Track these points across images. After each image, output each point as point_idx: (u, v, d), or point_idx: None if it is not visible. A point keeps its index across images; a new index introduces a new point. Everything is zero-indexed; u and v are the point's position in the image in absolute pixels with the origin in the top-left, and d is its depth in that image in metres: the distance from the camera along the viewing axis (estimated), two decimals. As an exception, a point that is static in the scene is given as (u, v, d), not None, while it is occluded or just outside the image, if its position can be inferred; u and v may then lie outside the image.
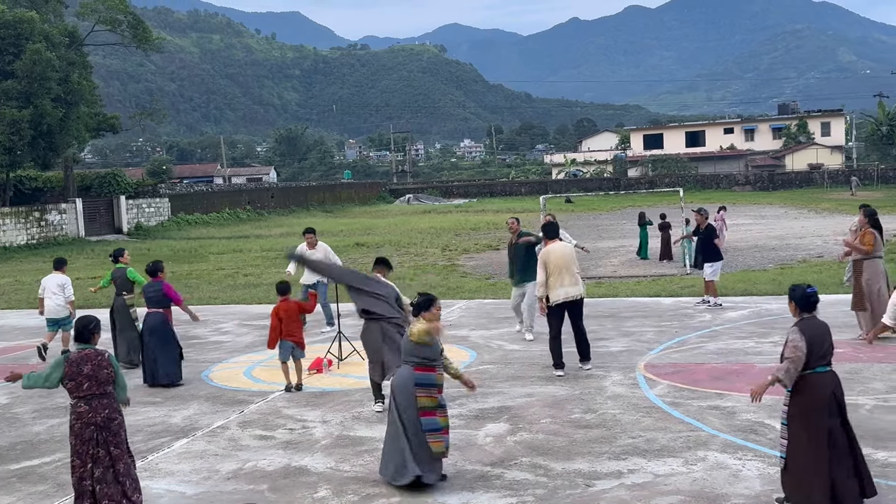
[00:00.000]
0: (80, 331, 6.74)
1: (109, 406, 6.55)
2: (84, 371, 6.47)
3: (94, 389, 6.48)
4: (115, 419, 6.56)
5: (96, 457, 6.46)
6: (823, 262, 21.70)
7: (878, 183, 66.46)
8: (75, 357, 6.55)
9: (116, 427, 6.57)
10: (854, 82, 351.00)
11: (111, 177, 48.70)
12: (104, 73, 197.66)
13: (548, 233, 11.44)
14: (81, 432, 6.45)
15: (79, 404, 6.48)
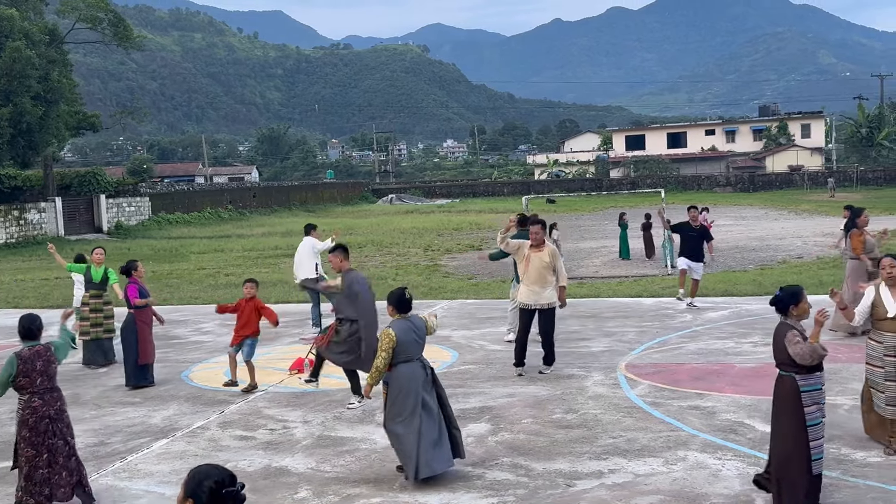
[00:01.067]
0: (28, 328, 6.94)
1: (60, 398, 6.92)
2: (37, 367, 6.73)
3: (45, 384, 6.78)
4: (65, 411, 6.94)
5: (54, 447, 6.74)
6: (803, 263, 21.84)
7: (857, 184, 66.99)
8: (27, 354, 6.75)
9: (67, 418, 6.96)
10: (834, 84, 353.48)
11: (91, 175, 48.35)
12: (85, 72, 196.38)
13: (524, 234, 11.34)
14: (36, 425, 6.70)
15: (32, 399, 6.72)
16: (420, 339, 7.40)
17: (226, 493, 3.43)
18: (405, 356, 7.25)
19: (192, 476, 3.50)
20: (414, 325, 7.39)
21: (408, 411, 7.16)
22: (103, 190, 47.35)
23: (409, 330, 7.31)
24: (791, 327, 6.28)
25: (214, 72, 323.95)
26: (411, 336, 7.31)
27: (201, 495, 3.43)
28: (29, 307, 20.00)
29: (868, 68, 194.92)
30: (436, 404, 7.32)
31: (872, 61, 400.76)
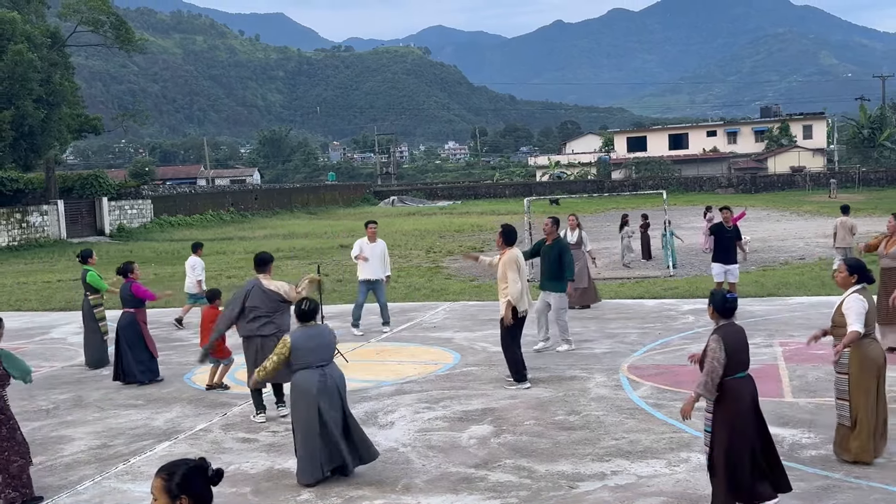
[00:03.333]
0: None
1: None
2: None
3: None
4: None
5: None
6: (805, 265, 21.83)
7: (859, 185, 66.92)
8: None
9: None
10: (836, 85, 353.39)
11: (93, 178, 48.38)
12: (86, 74, 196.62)
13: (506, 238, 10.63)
14: None
15: None
16: (321, 346, 7.48)
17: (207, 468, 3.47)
18: (303, 363, 7.40)
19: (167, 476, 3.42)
20: (318, 333, 7.53)
21: (303, 418, 7.32)
22: (105, 192, 47.38)
23: (309, 337, 7.46)
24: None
25: (216, 74, 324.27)
26: (311, 343, 7.43)
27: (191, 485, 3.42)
28: (31, 310, 20.04)
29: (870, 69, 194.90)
30: (338, 413, 7.40)
31: (874, 62, 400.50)
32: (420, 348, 13.31)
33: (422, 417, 9.32)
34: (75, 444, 8.94)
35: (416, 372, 11.61)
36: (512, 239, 10.58)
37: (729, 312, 6.36)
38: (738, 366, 6.22)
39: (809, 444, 7.79)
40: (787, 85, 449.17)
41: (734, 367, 6.20)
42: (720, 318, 6.36)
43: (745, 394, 6.24)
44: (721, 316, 6.36)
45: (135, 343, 11.64)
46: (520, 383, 10.41)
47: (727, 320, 6.36)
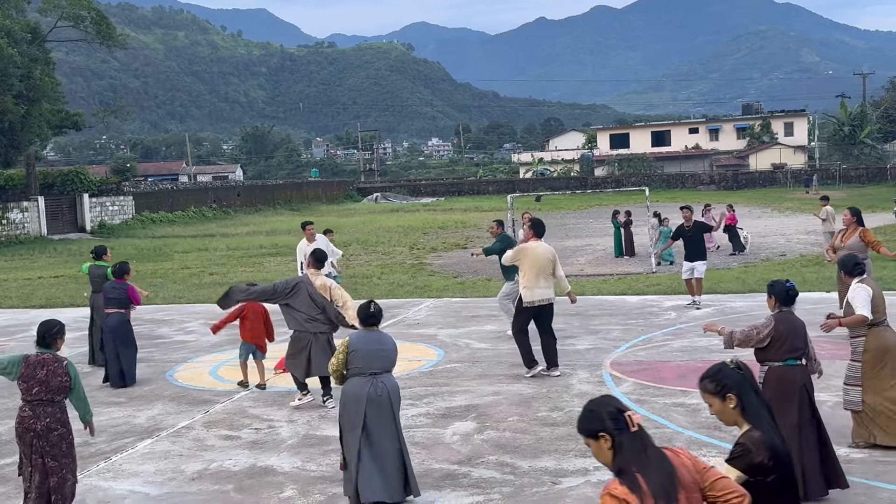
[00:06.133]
0: (43, 335, 6.57)
1: (54, 416, 6.39)
2: (38, 375, 6.34)
3: (42, 395, 6.35)
4: (55, 430, 6.36)
5: (35, 464, 6.34)
6: (787, 261, 21.98)
7: (839, 182, 67.38)
8: (34, 360, 6.43)
9: (56, 438, 6.37)
10: (817, 83, 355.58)
11: (74, 174, 48.06)
12: (67, 70, 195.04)
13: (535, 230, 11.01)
14: (23, 436, 6.36)
15: (24, 408, 6.38)
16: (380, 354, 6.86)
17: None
18: (357, 369, 6.79)
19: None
20: (378, 339, 6.95)
21: (349, 426, 6.72)
22: (86, 189, 47.07)
23: (369, 341, 6.89)
24: None
25: (198, 70, 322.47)
26: (370, 347, 6.84)
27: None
28: (11, 307, 19.88)
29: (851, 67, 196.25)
30: (390, 427, 6.73)
31: (855, 60, 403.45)
32: (404, 345, 13.30)
33: (405, 414, 9.31)
34: (56, 442, 8.88)
35: (399, 369, 11.57)
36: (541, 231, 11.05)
37: (790, 301, 6.54)
38: (788, 352, 6.39)
39: (790, 440, 7.83)
40: (769, 82, 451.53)
41: (784, 353, 6.38)
42: (780, 307, 6.53)
43: (793, 380, 6.37)
44: (782, 304, 6.53)
45: (129, 343, 11.55)
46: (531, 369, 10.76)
47: (787, 308, 6.53)
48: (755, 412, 3.79)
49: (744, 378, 3.86)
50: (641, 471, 3.26)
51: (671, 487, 3.27)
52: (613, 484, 3.28)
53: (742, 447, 3.75)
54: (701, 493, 3.38)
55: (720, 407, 3.85)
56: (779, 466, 3.72)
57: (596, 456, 3.43)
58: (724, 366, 3.90)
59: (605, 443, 3.36)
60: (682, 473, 3.34)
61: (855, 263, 7.62)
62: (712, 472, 3.43)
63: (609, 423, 3.35)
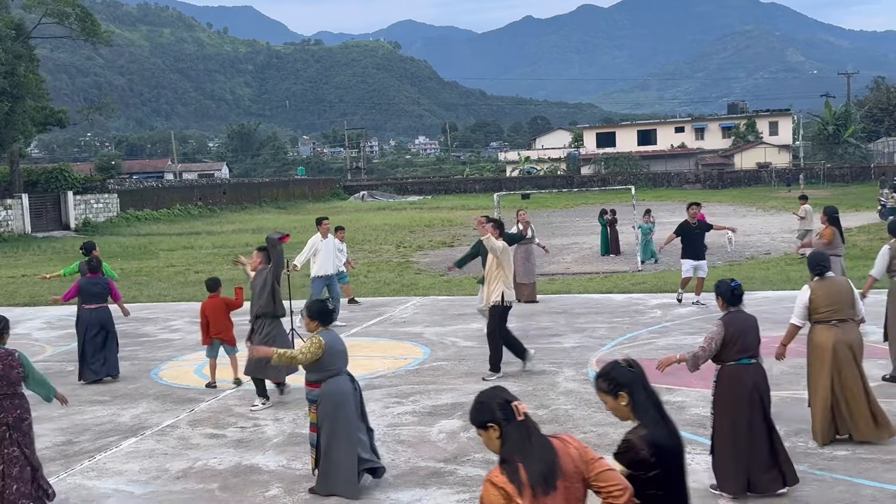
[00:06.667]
0: None
1: (21, 406, 6.57)
2: None
3: (4, 389, 6.48)
4: (25, 419, 6.57)
5: (10, 457, 6.43)
6: (771, 260, 22.08)
7: (824, 181, 67.75)
8: None
9: (27, 427, 6.59)
10: (801, 82, 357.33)
11: (58, 172, 47.78)
12: (52, 67, 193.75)
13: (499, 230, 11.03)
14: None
15: None
16: (345, 352, 7.03)
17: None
18: (335, 369, 6.86)
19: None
20: (339, 338, 7.08)
21: (342, 425, 6.79)
22: (71, 186, 46.80)
23: (337, 341, 6.97)
24: None
25: (183, 67, 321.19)
26: (340, 347, 6.94)
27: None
28: (-5, 305, 19.71)
29: (835, 66, 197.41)
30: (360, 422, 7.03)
31: (839, 59, 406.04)
32: (390, 343, 13.30)
33: (391, 412, 9.32)
34: (40, 441, 8.79)
35: (385, 367, 11.60)
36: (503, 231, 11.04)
37: (737, 300, 6.58)
38: (740, 352, 6.43)
39: (774, 437, 7.86)
40: (754, 82, 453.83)
41: (736, 353, 6.42)
42: (729, 307, 6.57)
43: (747, 380, 6.42)
44: (729, 304, 6.56)
45: (114, 337, 11.63)
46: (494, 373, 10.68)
47: (735, 308, 6.56)
48: (643, 409, 3.92)
49: (635, 376, 3.97)
50: (523, 460, 3.41)
51: (550, 476, 3.41)
52: (495, 472, 3.45)
53: (627, 443, 3.90)
54: (584, 483, 3.53)
55: (613, 404, 3.99)
56: (662, 462, 3.85)
57: (486, 445, 3.58)
58: (616, 364, 4.01)
59: (493, 432, 3.52)
60: (564, 462, 3.48)
61: (816, 263, 7.65)
62: (599, 464, 3.57)
63: (498, 414, 3.51)
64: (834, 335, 7.42)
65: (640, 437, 3.87)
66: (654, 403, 3.97)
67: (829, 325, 7.47)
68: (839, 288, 7.54)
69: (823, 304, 7.46)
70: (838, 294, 7.49)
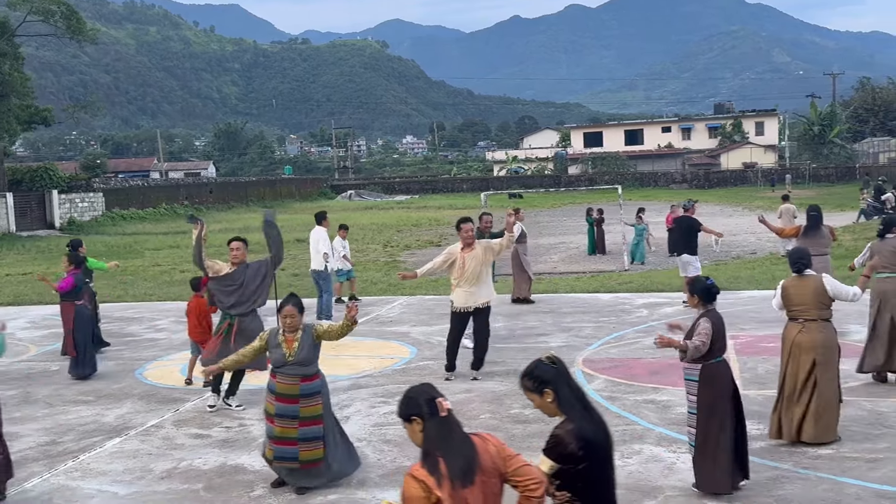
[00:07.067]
0: None
1: None
2: None
3: None
4: None
5: None
6: (756, 259, 22.18)
7: (809, 181, 68.08)
8: None
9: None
10: (787, 83, 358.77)
11: (43, 171, 47.45)
12: (37, 65, 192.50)
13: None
14: None
15: None
16: None
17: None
18: None
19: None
20: None
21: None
22: (56, 185, 46.50)
23: None
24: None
25: (170, 66, 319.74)
26: None
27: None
28: (-22, 304, 19.59)
29: (821, 67, 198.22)
30: None
31: (825, 60, 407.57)
32: (377, 342, 13.28)
33: (377, 412, 9.30)
34: (23, 441, 8.77)
35: (372, 366, 11.58)
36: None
37: (713, 298, 6.60)
38: (718, 350, 6.50)
39: (759, 436, 7.90)
40: (741, 82, 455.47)
41: (717, 351, 6.48)
42: (706, 305, 6.57)
43: (725, 377, 6.53)
44: (706, 302, 6.57)
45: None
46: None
47: (711, 306, 6.58)
48: (569, 404, 4.02)
49: (558, 372, 4.10)
50: (444, 454, 3.59)
51: (469, 470, 3.59)
52: (416, 466, 3.61)
53: (555, 438, 3.98)
54: (502, 478, 3.72)
55: (539, 402, 4.08)
56: (589, 455, 3.96)
57: (410, 438, 3.76)
58: (539, 362, 4.14)
59: (417, 426, 3.70)
60: (483, 458, 3.67)
61: (795, 259, 7.78)
62: (516, 460, 3.76)
63: (424, 409, 3.70)
64: (796, 333, 7.58)
65: (567, 432, 3.96)
66: (579, 398, 4.08)
67: (796, 323, 7.64)
68: (810, 289, 7.59)
69: (793, 302, 7.62)
70: (807, 295, 7.57)
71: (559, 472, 3.93)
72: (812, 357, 7.48)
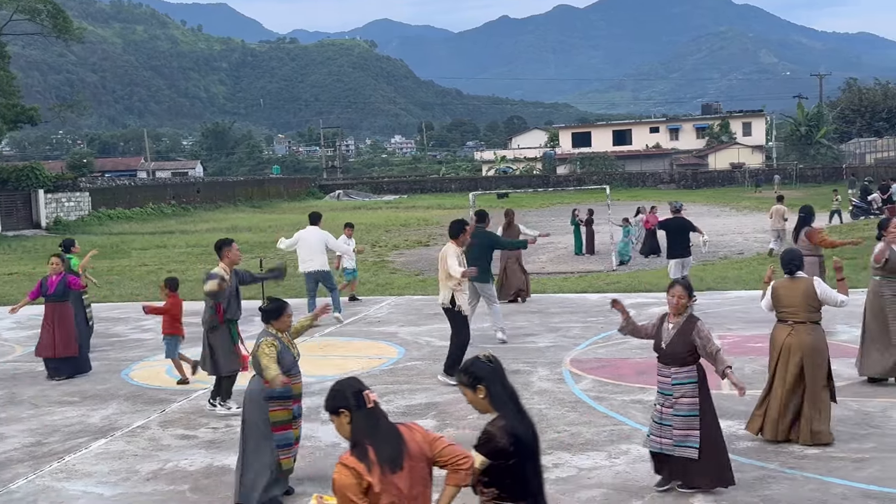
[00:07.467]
0: None
1: None
2: None
3: None
4: None
5: None
6: (744, 259, 22.25)
7: (796, 182, 68.38)
8: None
9: None
10: (775, 83, 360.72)
11: (29, 170, 47.17)
12: (23, 64, 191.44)
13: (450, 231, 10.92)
14: None
15: None
16: None
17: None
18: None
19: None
20: None
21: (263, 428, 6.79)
22: (42, 185, 46.25)
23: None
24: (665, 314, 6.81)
25: (157, 65, 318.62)
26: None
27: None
28: (-37, 305, 19.44)
29: (808, 68, 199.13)
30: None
31: (812, 61, 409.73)
32: (364, 343, 13.26)
33: (365, 412, 9.26)
34: (8, 442, 8.71)
35: (360, 366, 11.56)
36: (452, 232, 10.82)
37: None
38: None
39: (745, 436, 7.92)
40: (728, 83, 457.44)
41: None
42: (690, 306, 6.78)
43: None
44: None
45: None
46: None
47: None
48: (501, 401, 4.13)
49: (494, 370, 4.20)
50: (372, 442, 3.74)
51: (397, 456, 3.75)
52: (346, 455, 3.75)
53: (487, 434, 4.07)
54: (429, 463, 3.91)
55: (472, 397, 4.20)
56: (519, 451, 4.04)
57: (338, 431, 3.89)
58: (476, 359, 4.24)
59: (344, 418, 3.82)
60: (410, 445, 3.84)
61: (787, 261, 7.77)
62: (441, 442, 3.96)
63: (351, 401, 3.82)
64: (786, 335, 7.59)
65: (499, 428, 4.05)
66: (511, 397, 4.19)
67: (785, 325, 7.65)
68: (800, 291, 7.60)
69: (783, 303, 7.64)
70: (797, 297, 7.57)
71: (488, 469, 4.03)
72: (800, 359, 7.49)
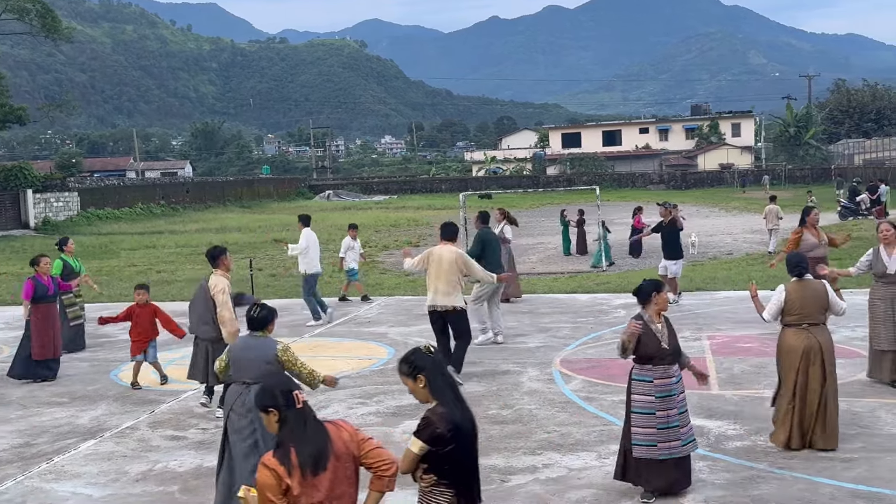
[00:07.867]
0: None
1: None
2: None
3: None
4: None
5: None
6: (733, 260, 22.32)
7: (785, 182, 68.64)
8: None
9: None
10: (763, 84, 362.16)
11: (17, 170, 46.95)
12: (11, 63, 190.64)
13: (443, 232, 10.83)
14: None
15: None
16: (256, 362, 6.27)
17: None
18: (235, 376, 6.37)
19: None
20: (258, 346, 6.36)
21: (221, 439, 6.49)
22: (30, 185, 46.04)
23: (248, 349, 6.35)
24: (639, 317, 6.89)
25: (146, 65, 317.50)
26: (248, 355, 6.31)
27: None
28: (-49, 305, 19.34)
29: (796, 69, 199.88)
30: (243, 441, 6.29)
31: (801, 62, 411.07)
32: (354, 343, 13.24)
33: (355, 413, 9.27)
34: (-4, 444, 8.67)
35: (349, 367, 11.55)
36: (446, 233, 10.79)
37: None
38: None
39: (735, 436, 7.95)
40: (717, 83, 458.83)
41: None
42: None
43: None
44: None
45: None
46: None
47: None
48: (440, 391, 4.27)
49: (434, 361, 4.33)
50: (296, 444, 3.81)
51: (321, 458, 3.83)
52: (268, 455, 3.84)
53: (426, 421, 4.20)
54: (355, 462, 4.01)
55: (413, 386, 4.33)
56: (457, 438, 4.18)
57: (267, 428, 3.98)
58: (417, 350, 4.38)
59: (273, 417, 3.89)
60: (337, 444, 3.93)
61: (795, 264, 7.63)
62: (369, 444, 4.07)
63: (280, 400, 3.88)
64: (805, 339, 7.41)
65: (438, 415, 4.18)
66: (451, 387, 4.33)
67: (799, 329, 7.46)
68: (813, 292, 7.49)
69: (796, 306, 7.45)
70: (811, 298, 7.46)
71: (427, 456, 4.18)
72: (822, 360, 7.38)
